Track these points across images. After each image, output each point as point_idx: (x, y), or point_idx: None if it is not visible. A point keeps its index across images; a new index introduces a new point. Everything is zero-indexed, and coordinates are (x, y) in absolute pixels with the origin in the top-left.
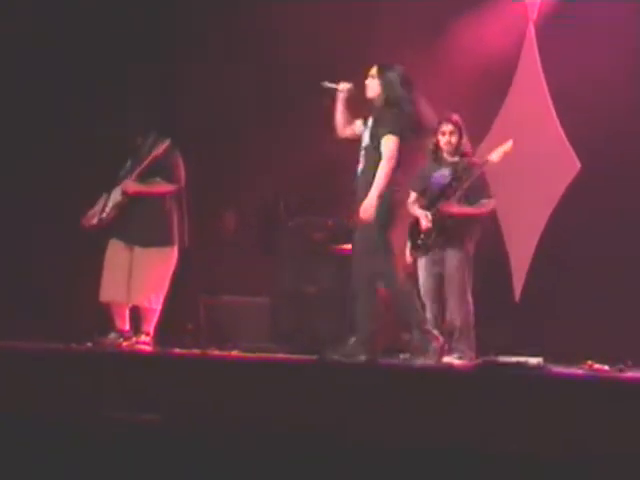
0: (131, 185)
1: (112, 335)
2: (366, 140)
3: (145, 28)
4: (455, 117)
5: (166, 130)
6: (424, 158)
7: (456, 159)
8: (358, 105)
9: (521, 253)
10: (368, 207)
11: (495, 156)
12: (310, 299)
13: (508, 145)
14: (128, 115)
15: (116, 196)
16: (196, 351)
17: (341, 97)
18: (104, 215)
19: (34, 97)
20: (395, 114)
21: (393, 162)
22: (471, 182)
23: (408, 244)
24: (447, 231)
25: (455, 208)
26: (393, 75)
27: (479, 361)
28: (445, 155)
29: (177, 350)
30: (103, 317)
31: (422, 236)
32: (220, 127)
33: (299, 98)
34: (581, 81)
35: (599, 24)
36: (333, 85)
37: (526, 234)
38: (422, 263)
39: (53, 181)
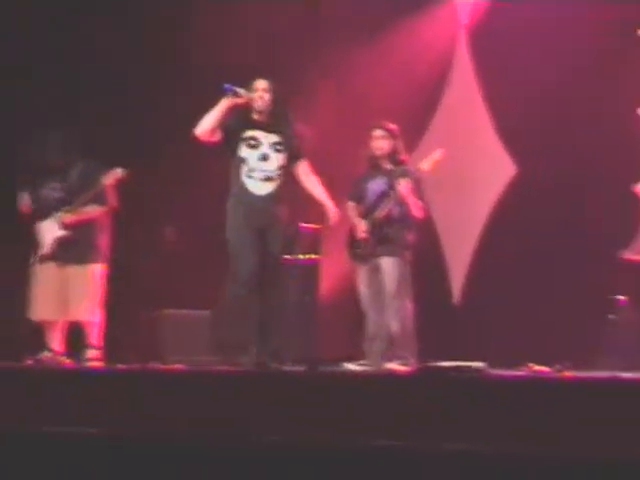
0: (69, 218)
1: (45, 353)
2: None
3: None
4: (387, 123)
5: (88, 150)
6: (362, 166)
7: (392, 167)
8: None
9: (459, 257)
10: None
11: (426, 165)
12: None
13: (438, 154)
14: (47, 134)
15: (54, 231)
16: (139, 365)
17: (233, 103)
18: (47, 251)
19: None
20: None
21: None
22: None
23: (346, 253)
24: (384, 239)
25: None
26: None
27: (420, 366)
28: (381, 163)
29: (120, 365)
30: (35, 336)
31: (359, 245)
32: (157, 142)
33: None
34: (514, 84)
35: (531, 26)
36: (236, 89)
37: (463, 238)
38: (360, 271)
39: None
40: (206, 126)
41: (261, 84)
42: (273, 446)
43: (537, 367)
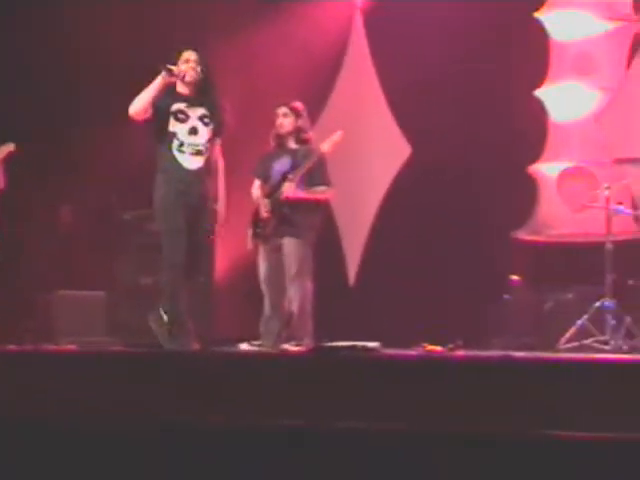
0: None
1: None
2: None
3: None
4: (293, 101)
5: None
6: (268, 144)
7: (297, 146)
8: None
9: (355, 238)
10: None
11: (326, 146)
12: (147, 291)
13: (338, 135)
14: None
15: None
16: (32, 347)
17: (168, 80)
18: None
19: None
20: None
21: None
22: (307, 169)
23: (249, 232)
24: (286, 219)
25: (292, 194)
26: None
27: (315, 346)
28: (286, 141)
29: (12, 346)
30: None
31: (261, 224)
32: (55, 123)
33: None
34: (409, 65)
35: (426, 7)
36: (173, 67)
37: (359, 219)
38: (261, 251)
39: None
40: (140, 105)
41: (191, 55)
42: (167, 427)
43: (430, 347)
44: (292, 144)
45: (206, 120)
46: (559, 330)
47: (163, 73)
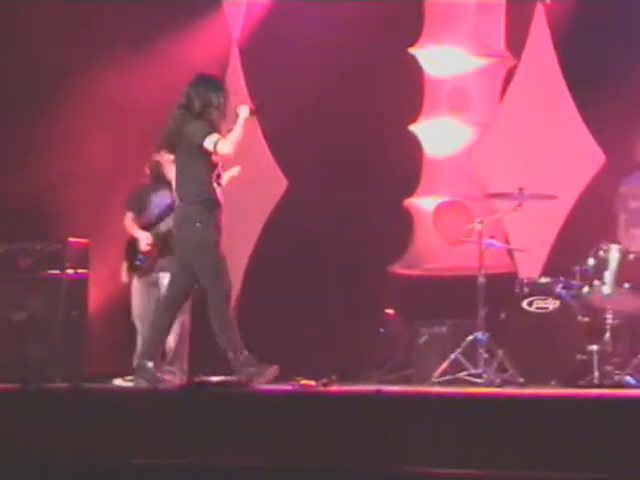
0: None
1: None
2: None
3: None
4: None
5: None
6: (143, 177)
7: None
8: None
9: (234, 272)
10: None
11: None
12: (19, 326)
13: (236, 170)
14: None
15: None
16: None
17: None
18: None
19: None
20: None
21: None
22: None
23: (124, 265)
24: (166, 253)
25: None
26: None
27: (189, 381)
28: (166, 174)
29: None
30: None
31: (141, 257)
32: None
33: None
34: (285, 100)
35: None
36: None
37: (240, 252)
38: (136, 285)
39: None
40: (234, 146)
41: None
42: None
43: (304, 381)
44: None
45: None
46: (433, 364)
47: (246, 114)
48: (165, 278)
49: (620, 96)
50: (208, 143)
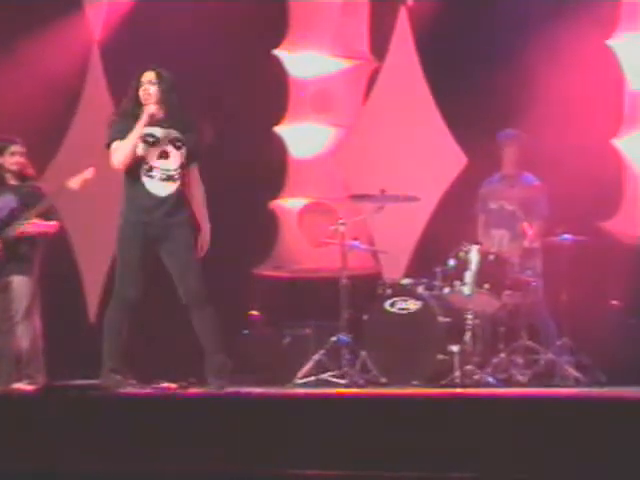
0: None
1: None
2: None
3: None
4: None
5: None
6: None
7: (19, 183)
8: None
9: (95, 274)
10: None
11: (74, 183)
12: None
13: (89, 172)
14: None
15: None
16: None
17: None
18: None
19: None
20: None
21: None
22: (43, 208)
23: None
24: (15, 257)
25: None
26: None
27: (46, 385)
28: (8, 178)
29: None
30: None
31: None
32: None
33: None
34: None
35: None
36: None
37: (99, 254)
38: None
39: None
40: (124, 158)
41: (147, 77)
42: None
43: (166, 384)
44: (12, 181)
45: (178, 144)
46: (297, 365)
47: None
48: (16, 282)
49: (482, 98)
50: None
